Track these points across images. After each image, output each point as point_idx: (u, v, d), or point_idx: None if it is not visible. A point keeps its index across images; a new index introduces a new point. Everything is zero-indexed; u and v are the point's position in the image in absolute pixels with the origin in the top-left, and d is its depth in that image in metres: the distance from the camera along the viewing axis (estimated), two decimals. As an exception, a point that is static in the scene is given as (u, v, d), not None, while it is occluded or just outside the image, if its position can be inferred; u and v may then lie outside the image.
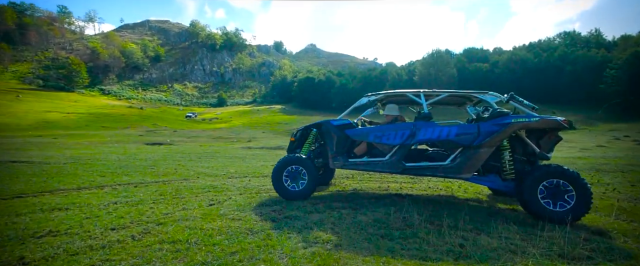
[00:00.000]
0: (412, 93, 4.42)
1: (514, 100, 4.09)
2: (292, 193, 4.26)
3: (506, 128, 3.68)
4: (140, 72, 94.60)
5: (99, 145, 16.38)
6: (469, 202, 4.43)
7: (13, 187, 4.84)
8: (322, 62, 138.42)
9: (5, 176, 5.97)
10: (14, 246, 2.44)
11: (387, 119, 4.71)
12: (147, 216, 3.45)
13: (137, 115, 52.65)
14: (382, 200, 4.37)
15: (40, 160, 8.68)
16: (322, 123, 4.51)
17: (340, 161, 4.28)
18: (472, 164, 3.80)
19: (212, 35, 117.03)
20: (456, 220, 3.44)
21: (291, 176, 4.29)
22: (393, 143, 4.08)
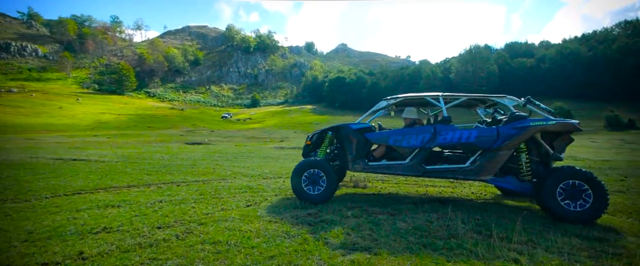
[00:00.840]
0: (431, 97, 4.44)
1: (531, 104, 4.18)
2: (311, 197, 4.23)
3: (525, 132, 3.80)
4: (181, 75, 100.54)
5: (145, 145, 17.63)
6: (520, 209, 4.07)
7: (74, 184, 5.31)
8: (353, 62, 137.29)
9: (68, 173, 6.60)
10: (75, 241, 2.65)
11: (405, 122, 4.72)
12: (189, 215, 3.58)
13: (178, 115, 56.03)
14: (421, 206, 4.17)
15: (95, 158, 9.51)
16: (341, 127, 4.50)
17: (360, 165, 4.30)
18: (492, 166, 3.91)
19: (246, 38, 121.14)
20: (507, 230, 3.17)
21: (310, 179, 4.27)
22: (413, 146, 4.15)
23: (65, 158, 9.31)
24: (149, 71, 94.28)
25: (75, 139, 21.48)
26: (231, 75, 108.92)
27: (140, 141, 20.74)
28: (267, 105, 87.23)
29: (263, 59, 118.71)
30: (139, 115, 52.65)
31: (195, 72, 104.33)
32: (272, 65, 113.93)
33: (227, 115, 63.52)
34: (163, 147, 16.15)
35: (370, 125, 4.47)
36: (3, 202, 3.97)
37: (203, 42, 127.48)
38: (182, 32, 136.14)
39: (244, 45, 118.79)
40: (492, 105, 4.89)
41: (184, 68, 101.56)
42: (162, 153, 12.14)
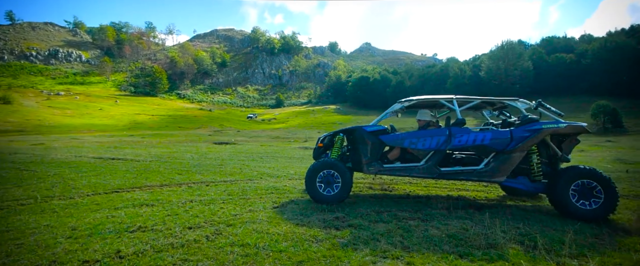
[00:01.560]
0: (444, 99, 4.49)
1: (542, 107, 4.27)
2: (326, 198, 4.19)
3: (538, 134, 3.92)
4: (209, 77, 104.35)
5: (176, 144, 18.41)
6: (563, 219, 3.74)
7: (112, 182, 5.61)
8: (377, 61, 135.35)
9: (107, 171, 7.00)
10: (113, 239, 2.76)
11: (419, 124, 4.75)
12: (218, 216, 3.64)
13: (207, 116, 58.14)
14: (455, 212, 3.95)
15: (131, 157, 10.03)
16: (355, 129, 4.47)
17: (375, 167, 4.30)
18: (506, 168, 3.99)
19: (271, 40, 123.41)
20: (553, 241, 2.91)
21: (325, 180, 4.25)
22: (428, 148, 4.17)
23: (105, 157, 9.91)
24: (180, 73, 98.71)
25: (113, 139, 22.91)
26: (256, 76, 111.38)
27: (172, 141, 21.71)
28: (291, 105, 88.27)
29: (287, 59, 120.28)
30: (171, 115, 55.25)
31: (222, 73, 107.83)
32: (296, 66, 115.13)
33: (252, 115, 64.98)
34: (192, 146, 16.78)
35: (384, 128, 4.44)
36: (51, 199, 4.25)
37: (230, 45, 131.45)
38: (210, 35, 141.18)
39: (269, 47, 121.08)
40: (502, 107, 4.98)
41: (212, 71, 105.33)
42: (192, 152, 12.60)
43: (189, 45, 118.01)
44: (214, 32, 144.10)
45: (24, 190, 4.79)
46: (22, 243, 2.61)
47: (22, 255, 2.39)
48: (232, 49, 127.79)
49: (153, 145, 16.83)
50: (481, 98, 4.52)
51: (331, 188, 4.24)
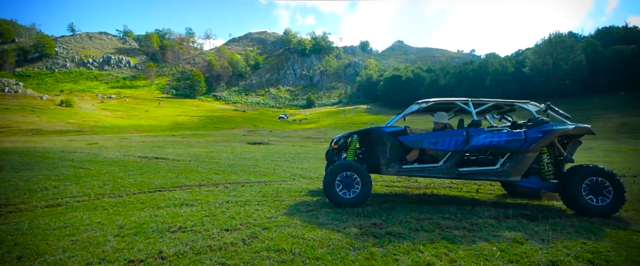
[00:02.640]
0: (461, 101, 4.56)
1: (551, 109, 4.50)
2: (345, 201, 4.11)
3: (550, 135, 4.12)
4: (243, 79, 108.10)
5: (213, 144, 19.23)
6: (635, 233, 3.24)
7: (155, 181, 5.92)
8: (410, 59, 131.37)
9: (151, 170, 7.42)
10: (156, 239, 2.85)
11: (436, 126, 4.77)
12: (253, 218, 3.64)
13: (241, 117, 60.25)
14: (505, 222, 3.61)
15: (173, 157, 10.60)
16: (372, 130, 4.44)
17: (394, 168, 4.29)
18: (520, 168, 4.15)
19: (302, 41, 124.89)
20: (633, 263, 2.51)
21: (344, 183, 4.17)
22: (447, 149, 4.23)
23: (150, 156, 10.56)
24: (216, 76, 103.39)
25: (157, 138, 24.51)
26: (288, 77, 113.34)
27: (209, 141, 22.73)
28: (321, 105, 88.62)
29: (318, 60, 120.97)
30: (208, 116, 58.02)
31: (255, 75, 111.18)
32: (327, 66, 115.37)
33: (284, 115, 66.17)
34: (228, 146, 17.40)
35: (402, 128, 4.43)
36: (102, 197, 4.56)
37: (263, 47, 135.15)
38: (244, 38, 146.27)
39: (300, 48, 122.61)
40: (508, 111, 5.15)
41: (245, 72, 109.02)
42: (228, 152, 13.04)
43: (224, 48, 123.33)
44: (248, 35, 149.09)
45: (80, 187, 5.20)
46: (76, 240, 2.78)
47: (76, 251, 2.54)
48: (265, 51, 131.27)
49: (192, 145, 17.71)
50: (495, 101, 4.60)
51: (351, 191, 4.17)
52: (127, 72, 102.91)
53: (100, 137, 26.01)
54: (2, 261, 2.33)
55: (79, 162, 8.57)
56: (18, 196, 4.48)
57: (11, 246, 2.61)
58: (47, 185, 5.27)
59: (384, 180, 6.78)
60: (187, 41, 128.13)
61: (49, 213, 3.66)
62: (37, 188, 5.08)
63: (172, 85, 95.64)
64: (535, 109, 4.58)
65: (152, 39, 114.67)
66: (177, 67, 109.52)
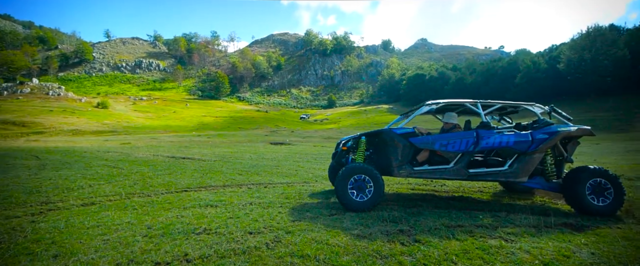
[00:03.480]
0: (469, 102, 4.59)
1: (555, 112, 4.59)
2: (358, 204, 4.03)
3: (555, 136, 4.24)
4: (266, 80, 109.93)
5: (237, 144, 19.64)
6: None
7: (182, 181, 6.07)
8: (434, 57, 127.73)
9: (178, 170, 7.65)
10: (182, 241, 2.87)
11: (445, 126, 4.77)
12: (276, 221, 3.60)
13: (263, 117, 61.26)
14: (546, 231, 3.32)
15: (198, 157, 10.89)
16: (384, 132, 4.41)
17: (406, 170, 4.27)
18: (528, 169, 4.23)
19: (323, 42, 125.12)
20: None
21: (356, 186, 4.09)
22: (458, 150, 4.24)
23: (177, 156, 10.93)
24: (240, 77, 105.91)
25: (184, 138, 25.43)
26: (309, 77, 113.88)
27: (233, 141, 23.25)
28: (343, 105, 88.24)
29: (339, 60, 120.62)
30: (232, 117, 59.50)
31: (277, 76, 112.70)
32: (348, 66, 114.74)
33: (305, 116, 66.49)
34: (251, 146, 17.69)
35: (413, 130, 4.41)
36: (132, 196, 4.72)
37: (284, 48, 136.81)
38: (266, 40, 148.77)
39: (321, 48, 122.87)
40: (510, 112, 5.18)
41: (268, 74, 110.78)
42: (251, 153, 13.23)
43: (248, 50, 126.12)
44: (270, 37, 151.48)
45: (112, 187, 5.43)
46: (108, 239, 2.87)
47: (107, 251, 2.61)
48: (287, 52, 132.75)
49: (217, 145, 18.17)
50: (503, 103, 4.67)
51: (363, 194, 4.08)
52: (156, 74, 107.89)
53: (132, 137, 27.39)
54: (39, 258, 2.43)
55: (112, 161, 9.01)
56: (57, 194, 4.73)
57: (49, 244, 2.73)
58: (83, 184, 5.55)
59: (408, 182, 6.55)
60: (213, 44, 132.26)
61: (83, 212, 3.82)
62: (74, 186, 5.36)
63: (198, 86, 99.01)
64: (540, 111, 4.71)
65: (180, 43, 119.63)
66: (203, 70, 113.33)
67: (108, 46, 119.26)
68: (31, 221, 3.38)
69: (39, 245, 2.70)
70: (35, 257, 2.45)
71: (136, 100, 75.48)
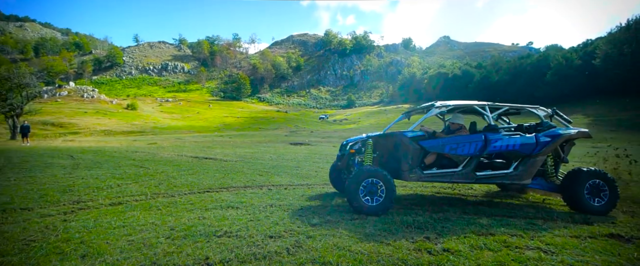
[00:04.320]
0: (478, 105, 4.63)
1: (557, 114, 4.71)
2: (369, 209, 3.93)
3: (558, 139, 4.34)
4: (285, 80, 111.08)
5: (257, 144, 19.89)
6: None
7: (204, 182, 6.16)
8: (458, 55, 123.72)
9: (201, 170, 7.79)
10: (203, 244, 2.86)
11: (452, 127, 4.76)
12: (297, 225, 3.53)
13: (283, 117, 61.86)
14: (590, 242, 3.03)
15: (220, 157, 11.09)
16: (395, 135, 4.34)
17: (416, 173, 4.22)
18: (532, 171, 4.31)
19: (342, 41, 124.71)
20: None
21: (368, 189, 4.00)
22: (467, 154, 4.24)
23: (200, 156, 11.19)
24: (260, 79, 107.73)
25: (207, 139, 26.11)
26: (328, 77, 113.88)
27: (253, 141, 23.59)
28: (362, 105, 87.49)
29: (359, 59, 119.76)
30: (252, 117, 60.56)
31: (297, 77, 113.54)
32: (368, 66, 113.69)
33: (324, 116, 66.45)
34: (271, 147, 17.84)
35: (423, 133, 4.38)
36: (157, 196, 4.83)
37: (304, 49, 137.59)
38: (286, 41, 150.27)
39: (341, 48, 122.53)
40: (513, 114, 5.19)
41: (287, 74, 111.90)
42: (271, 153, 13.32)
43: (268, 52, 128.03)
44: (289, 38, 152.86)
45: (139, 186, 5.59)
46: (132, 240, 2.91)
47: (131, 252, 2.64)
48: (306, 52, 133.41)
49: (238, 145, 18.49)
50: (509, 105, 4.78)
51: (375, 198, 4.00)
52: (181, 77, 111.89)
53: (158, 137, 28.50)
54: (69, 258, 2.50)
55: (139, 161, 9.35)
56: (88, 193, 4.93)
57: (78, 244, 2.80)
58: (112, 184, 5.76)
59: (433, 185, 6.29)
60: (234, 46, 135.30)
61: (111, 211, 3.93)
62: (103, 186, 5.57)
63: (221, 88, 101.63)
64: (544, 114, 4.79)
65: (203, 46, 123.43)
66: (224, 71, 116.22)
67: (137, 50, 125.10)
68: (63, 220, 3.51)
69: (69, 245, 2.78)
70: (65, 257, 2.52)
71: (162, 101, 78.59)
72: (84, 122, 41.17)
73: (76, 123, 40.13)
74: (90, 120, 43.47)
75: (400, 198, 5.08)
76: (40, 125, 35.48)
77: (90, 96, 65.42)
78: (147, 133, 37.22)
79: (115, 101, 65.82)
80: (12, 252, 2.59)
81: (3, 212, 3.84)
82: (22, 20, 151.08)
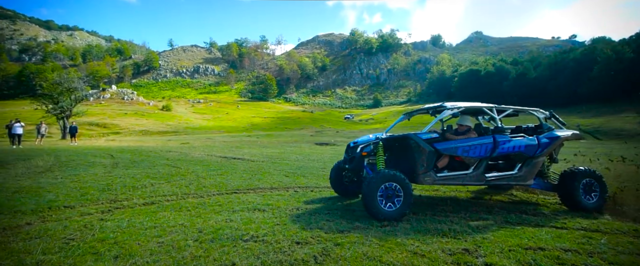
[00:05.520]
0: (486, 107, 4.72)
1: (554, 117, 5.03)
2: (387, 214, 3.77)
3: (557, 141, 4.62)
4: (311, 81, 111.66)
5: (283, 144, 20.08)
6: None
7: (232, 183, 6.23)
8: (491, 51, 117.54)
9: (229, 170, 7.93)
10: (229, 248, 2.83)
11: (460, 129, 4.78)
12: (325, 230, 3.41)
13: (309, 117, 62.19)
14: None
15: (248, 157, 11.27)
16: (409, 137, 4.21)
17: (431, 177, 4.15)
18: (534, 172, 4.48)
19: (368, 40, 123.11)
20: None
21: (386, 194, 3.84)
22: (478, 156, 4.27)
23: (228, 156, 11.44)
24: (286, 79, 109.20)
25: (235, 139, 26.84)
26: (354, 77, 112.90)
27: (280, 141, 23.87)
28: (389, 105, 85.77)
29: (385, 58, 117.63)
30: (279, 117, 61.48)
31: (322, 77, 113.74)
32: (394, 64, 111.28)
33: (350, 116, 65.91)
34: (297, 147, 17.92)
35: (437, 135, 4.31)
36: (187, 197, 4.94)
37: (329, 49, 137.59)
38: (312, 41, 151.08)
39: (367, 47, 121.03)
40: (511, 115, 5.14)
41: (313, 74, 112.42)
42: (297, 153, 13.35)
43: (294, 52, 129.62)
44: (315, 38, 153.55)
45: (171, 186, 5.77)
46: (162, 242, 2.95)
47: (161, 255, 2.66)
48: (332, 52, 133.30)
49: (265, 146, 18.78)
50: (514, 108, 4.89)
51: (393, 203, 3.85)
52: (212, 79, 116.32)
53: (191, 137, 29.75)
54: (103, 259, 2.56)
55: (172, 161, 9.73)
56: (124, 192, 5.15)
57: (112, 244, 2.88)
58: (146, 183, 5.99)
59: (467, 189, 5.90)
60: (261, 48, 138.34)
61: (144, 211, 4.05)
62: (138, 185, 5.80)
63: (248, 89, 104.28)
64: (543, 116, 4.98)
65: (232, 48, 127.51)
66: (252, 73, 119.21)
67: (171, 54, 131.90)
68: (100, 219, 3.66)
69: (104, 245, 2.86)
70: (99, 257, 2.59)
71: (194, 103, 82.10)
72: (125, 123, 44.01)
73: (118, 123, 43.01)
74: (130, 120, 46.39)
75: (432, 203, 4.80)
76: (87, 126, 38.41)
77: (129, 98, 69.88)
78: (180, 133, 39.02)
79: (151, 103, 69.78)
80: (53, 250, 2.71)
81: (49, 209, 4.09)
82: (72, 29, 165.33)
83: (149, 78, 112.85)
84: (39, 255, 2.61)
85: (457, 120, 4.88)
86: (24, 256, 2.58)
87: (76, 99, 30.26)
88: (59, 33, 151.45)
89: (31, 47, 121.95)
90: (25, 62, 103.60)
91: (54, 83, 29.53)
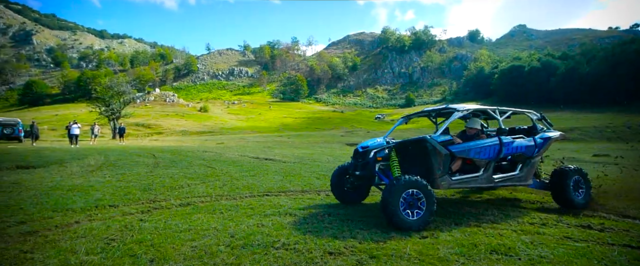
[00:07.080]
0: (490, 109, 4.74)
1: (544, 118, 5.22)
2: (410, 223, 3.56)
3: (550, 142, 4.83)
4: (341, 80, 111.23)
5: (314, 145, 20.10)
6: None
7: (264, 184, 6.25)
8: (536, 45, 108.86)
9: (261, 172, 8.00)
10: (261, 256, 2.75)
11: (469, 132, 4.76)
12: (359, 240, 3.23)
13: (339, 118, 61.95)
14: None
15: (279, 158, 11.36)
16: (425, 140, 4.05)
17: (447, 181, 4.08)
18: (532, 172, 4.68)
19: (401, 38, 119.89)
20: None
21: (408, 202, 3.63)
22: (488, 158, 4.26)
23: (260, 157, 11.62)
24: (317, 80, 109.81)
25: (267, 139, 27.40)
26: (385, 76, 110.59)
27: (310, 142, 23.94)
28: (422, 104, 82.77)
29: (418, 56, 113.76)
30: (309, 118, 61.95)
31: (353, 76, 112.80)
32: (428, 62, 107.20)
33: (380, 116, 64.59)
34: (327, 147, 17.82)
35: (451, 137, 4.26)
36: (220, 198, 5.01)
37: (360, 48, 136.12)
38: (342, 41, 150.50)
39: (399, 45, 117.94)
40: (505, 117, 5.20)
41: (343, 74, 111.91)
42: (327, 154, 13.23)
43: (324, 53, 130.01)
44: (346, 38, 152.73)
45: (205, 187, 5.91)
46: (195, 246, 2.95)
47: (193, 260, 2.65)
48: (362, 51, 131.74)
49: (296, 146, 18.91)
50: (514, 110, 4.94)
51: (415, 212, 3.65)
52: (245, 80, 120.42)
53: (225, 137, 30.93)
54: (139, 262, 2.60)
55: (208, 161, 10.07)
56: (163, 193, 5.36)
57: (148, 246, 2.94)
58: (183, 184, 6.20)
59: (509, 192, 5.36)
60: (293, 49, 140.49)
61: (180, 213, 4.14)
62: (176, 185, 6.02)
63: (280, 90, 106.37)
64: (536, 117, 5.14)
65: (265, 51, 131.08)
66: (284, 74, 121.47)
67: (208, 58, 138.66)
68: (139, 220, 3.79)
69: (141, 247, 2.92)
70: (136, 260, 2.63)
71: (229, 104, 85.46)
72: (167, 123, 46.95)
73: (160, 124, 46.00)
74: (171, 121, 49.41)
75: (474, 212, 4.39)
76: (134, 127, 41.50)
77: (171, 100, 74.51)
78: (216, 133, 40.75)
79: (190, 104, 73.80)
80: (95, 251, 2.82)
81: (95, 208, 4.34)
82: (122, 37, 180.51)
83: (188, 81, 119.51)
84: (83, 255, 2.72)
85: (467, 122, 4.95)
86: (69, 256, 2.70)
87: (125, 102, 32.82)
88: (111, 41, 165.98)
89: (88, 54, 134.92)
90: (83, 68, 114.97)
91: (106, 87, 32.32)
